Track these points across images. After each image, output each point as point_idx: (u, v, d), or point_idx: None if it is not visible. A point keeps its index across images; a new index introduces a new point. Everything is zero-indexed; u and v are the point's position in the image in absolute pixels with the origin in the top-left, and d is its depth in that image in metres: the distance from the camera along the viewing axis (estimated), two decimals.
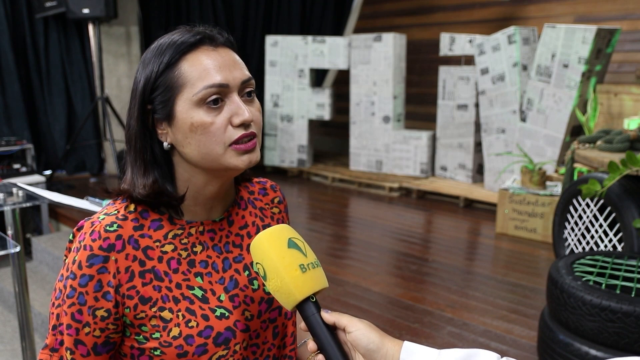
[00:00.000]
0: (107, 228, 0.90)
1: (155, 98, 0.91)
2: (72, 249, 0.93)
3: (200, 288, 0.95)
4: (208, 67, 0.89)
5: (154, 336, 0.91)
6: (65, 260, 0.94)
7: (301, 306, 0.87)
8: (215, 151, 0.90)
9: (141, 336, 0.91)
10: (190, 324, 0.91)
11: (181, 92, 0.89)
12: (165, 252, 0.94)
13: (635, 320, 2.03)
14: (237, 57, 0.94)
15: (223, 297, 0.96)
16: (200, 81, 0.88)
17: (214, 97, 0.89)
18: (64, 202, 2.08)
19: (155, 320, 0.91)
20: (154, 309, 0.91)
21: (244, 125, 0.90)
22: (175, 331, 0.91)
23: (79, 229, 0.93)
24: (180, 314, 0.92)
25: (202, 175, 0.94)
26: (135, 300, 0.90)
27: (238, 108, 0.90)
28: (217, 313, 0.94)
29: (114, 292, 0.89)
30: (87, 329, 0.89)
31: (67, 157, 6.23)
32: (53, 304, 0.93)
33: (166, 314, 0.91)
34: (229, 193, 1.02)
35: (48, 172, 5.97)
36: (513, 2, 6.46)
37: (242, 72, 0.92)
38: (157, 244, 0.94)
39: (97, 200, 2.16)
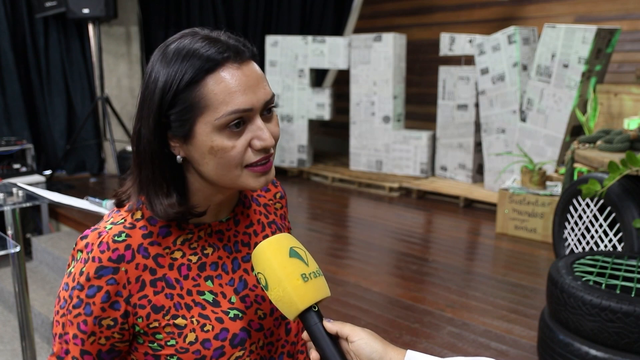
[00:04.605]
0: (116, 238, 0.89)
1: (173, 114, 0.86)
2: (78, 259, 0.90)
3: (211, 292, 0.94)
4: (232, 90, 0.84)
5: (169, 343, 0.90)
6: (69, 269, 0.92)
7: (303, 316, 0.86)
8: (233, 173, 0.88)
9: (155, 344, 0.91)
10: (205, 328, 0.91)
11: (203, 114, 0.85)
12: (175, 259, 0.93)
13: (635, 320, 2.03)
14: (260, 72, 0.89)
15: (234, 299, 0.96)
16: (224, 106, 0.84)
17: (236, 121, 0.86)
18: (64, 202, 2.08)
19: (170, 327, 0.90)
20: (167, 317, 0.90)
21: (265, 149, 0.89)
22: (191, 337, 0.90)
23: (83, 238, 0.91)
24: (194, 319, 0.91)
25: (214, 188, 0.93)
26: (147, 310, 0.89)
27: (260, 132, 0.87)
28: (231, 314, 0.94)
29: (123, 301, 0.88)
30: (92, 338, 0.89)
31: (67, 157, 6.23)
32: (57, 312, 0.91)
33: (180, 321, 0.90)
34: (234, 193, 1.02)
35: (48, 172, 5.97)
36: (513, 2, 6.46)
37: (265, 91, 0.88)
38: (167, 250, 0.93)
39: (97, 200, 2.16)
